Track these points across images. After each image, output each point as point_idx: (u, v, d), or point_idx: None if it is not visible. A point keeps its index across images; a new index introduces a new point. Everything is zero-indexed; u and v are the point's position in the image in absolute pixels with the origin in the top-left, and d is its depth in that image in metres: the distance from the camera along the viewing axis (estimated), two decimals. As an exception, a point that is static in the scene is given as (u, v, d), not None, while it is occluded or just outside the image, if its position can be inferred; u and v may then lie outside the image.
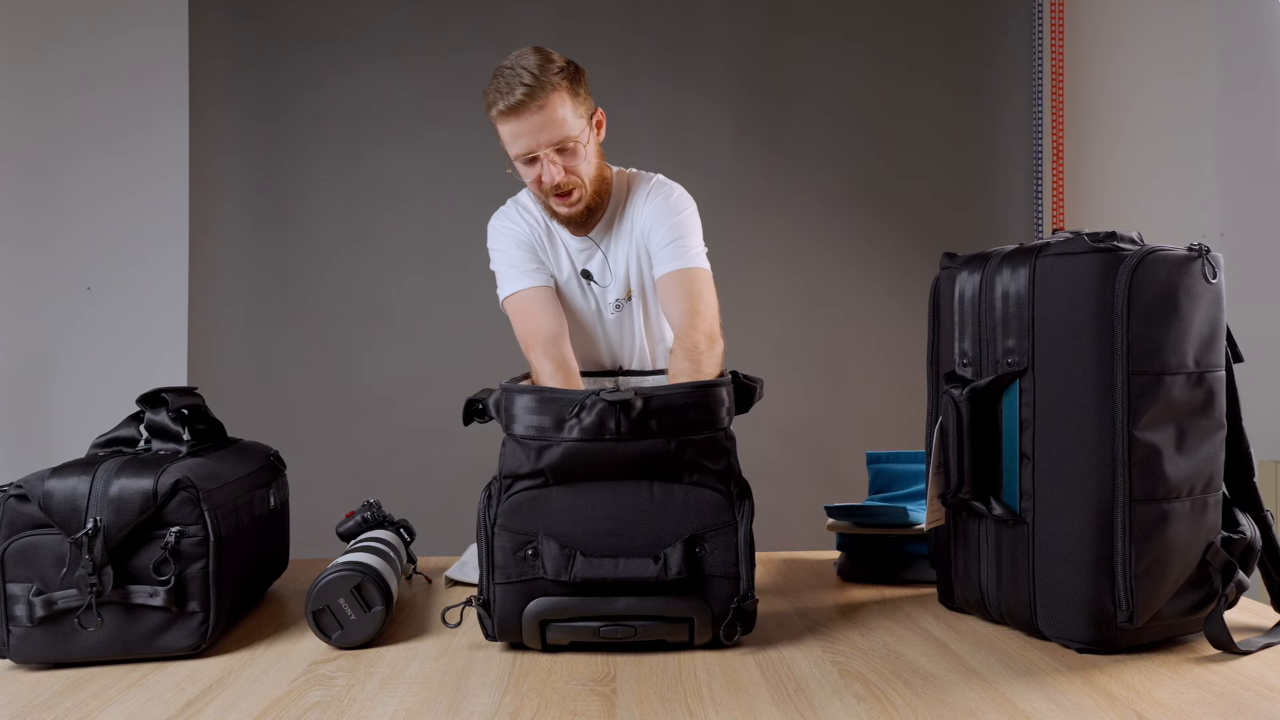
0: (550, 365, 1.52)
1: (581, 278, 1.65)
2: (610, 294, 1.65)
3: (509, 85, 1.45)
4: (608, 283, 1.65)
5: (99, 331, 2.96)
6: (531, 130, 1.46)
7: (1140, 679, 0.91)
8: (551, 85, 1.45)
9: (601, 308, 1.67)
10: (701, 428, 1.01)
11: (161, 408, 1.09)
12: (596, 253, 1.64)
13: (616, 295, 1.65)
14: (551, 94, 1.45)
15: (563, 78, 1.47)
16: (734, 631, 1.00)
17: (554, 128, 1.46)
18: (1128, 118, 3.07)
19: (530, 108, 1.44)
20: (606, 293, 1.66)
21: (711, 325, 1.51)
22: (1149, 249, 0.95)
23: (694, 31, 3.08)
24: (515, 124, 1.46)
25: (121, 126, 2.97)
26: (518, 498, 1.00)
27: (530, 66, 1.45)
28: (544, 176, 1.49)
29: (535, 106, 1.44)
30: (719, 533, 1.00)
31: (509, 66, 1.47)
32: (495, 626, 1.00)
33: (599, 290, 1.66)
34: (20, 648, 0.96)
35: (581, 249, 1.64)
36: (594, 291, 1.66)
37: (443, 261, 3.02)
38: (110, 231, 2.97)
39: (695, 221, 1.65)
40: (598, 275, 1.64)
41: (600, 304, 1.67)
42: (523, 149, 1.48)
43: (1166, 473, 0.95)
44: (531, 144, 1.47)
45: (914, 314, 1.62)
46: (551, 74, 1.45)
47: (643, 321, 1.69)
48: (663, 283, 1.58)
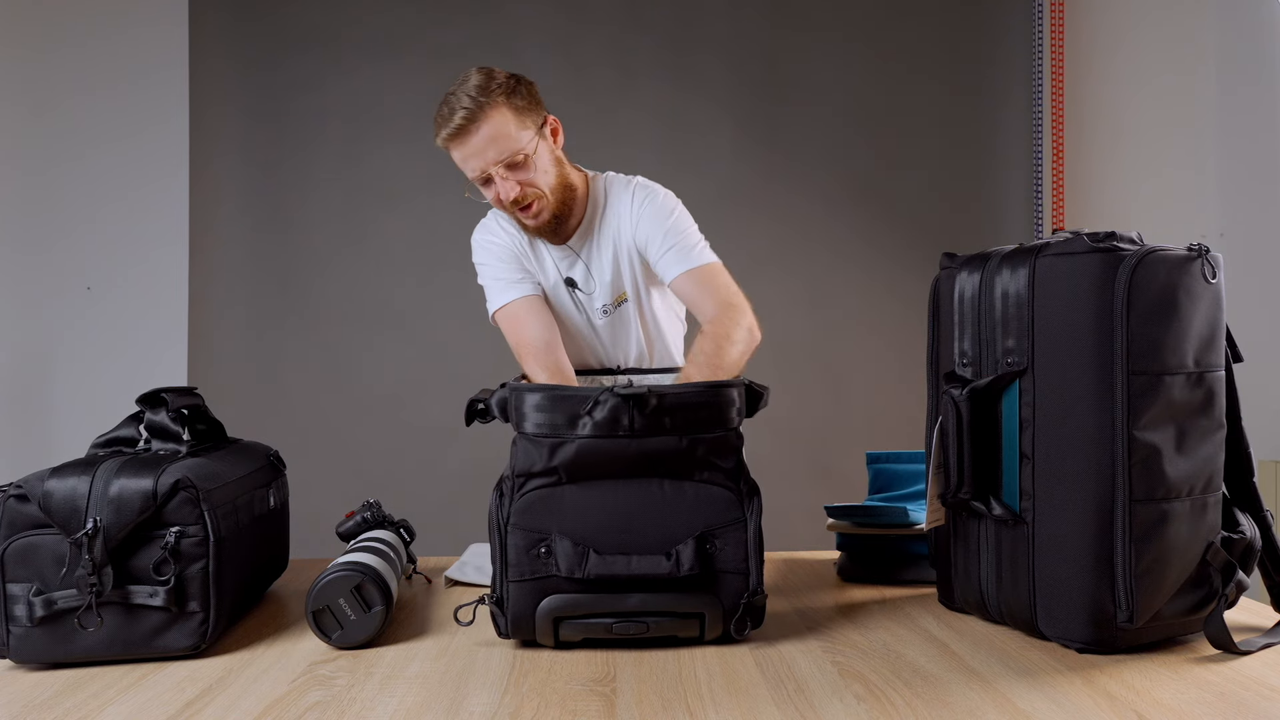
0: (545, 375, 1.54)
1: (566, 285, 1.65)
2: (596, 300, 1.65)
3: (450, 111, 1.47)
4: (592, 290, 1.65)
5: (99, 331, 2.96)
6: (477, 151, 1.47)
7: (1140, 679, 0.91)
8: (490, 104, 1.45)
9: (590, 314, 1.67)
10: (713, 426, 1.02)
11: (161, 408, 1.09)
12: (578, 261, 1.64)
13: (603, 301, 1.65)
14: (490, 112, 1.46)
15: (501, 94, 1.47)
16: (744, 626, 1.01)
17: (499, 144, 1.47)
18: (1128, 118, 3.07)
19: (470, 130, 1.45)
20: (592, 299, 1.65)
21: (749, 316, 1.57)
22: (1149, 249, 0.95)
23: (694, 32, 3.08)
24: (461, 148, 1.48)
25: (122, 126, 2.98)
26: (531, 496, 1.01)
27: (469, 90, 1.46)
28: (500, 194, 1.50)
29: (475, 128, 1.45)
30: (729, 529, 1.01)
31: (451, 92, 1.49)
32: (509, 624, 1.00)
33: (584, 297, 1.66)
34: (20, 648, 0.96)
35: (563, 257, 1.65)
36: (579, 299, 1.66)
37: (443, 261, 3.02)
38: (110, 231, 2.97)
39: (688, 218, 1.66)
40: (581, 283, 1.64)
41: (588, 310, 1.67)
42: (474, 171, 1.50)
43: (1166, 473, 0.95)
44: (480, 164, 1.48)
45: (914, 314, 1.62)
46: (492, 93, 1.46)
47: (639, 323, 1.69)
48: (679, 286, 1.59)
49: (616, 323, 1.69)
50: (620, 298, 1.66)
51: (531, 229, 1.58)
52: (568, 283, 1.65)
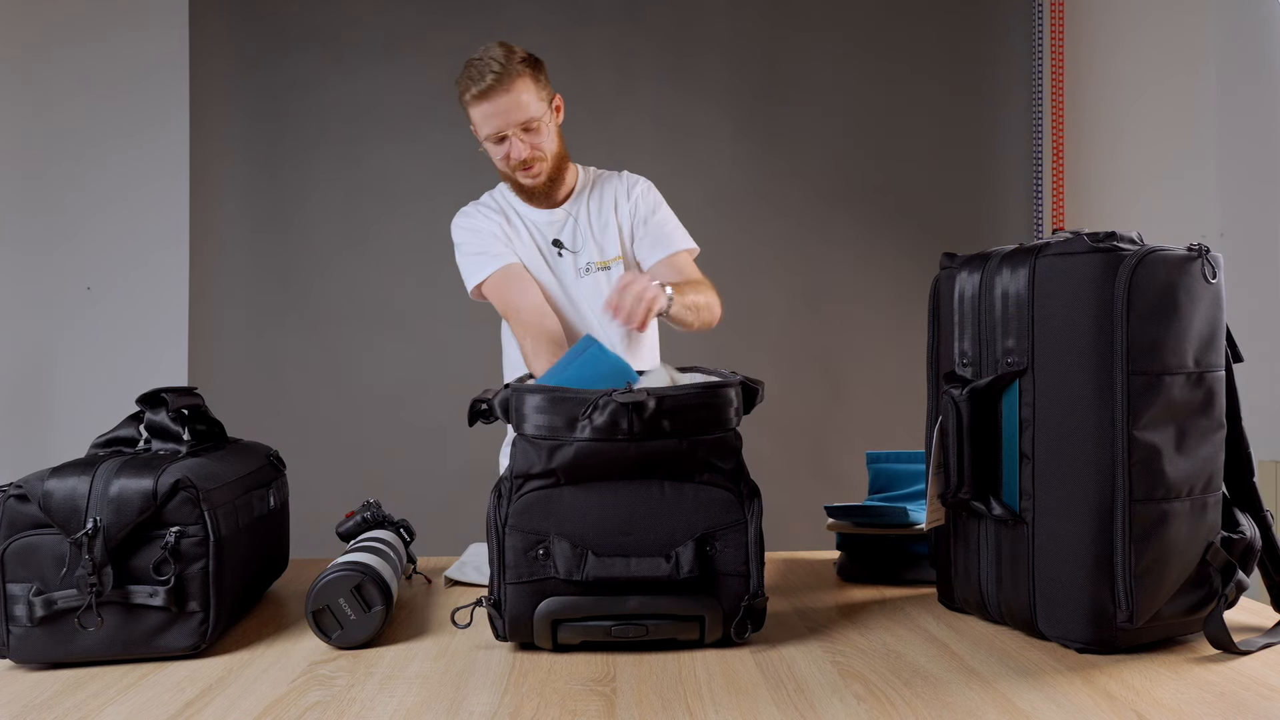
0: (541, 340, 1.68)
1: (552, 246, 1.81)
2: (582, 259, 1.81)
3: (479, 73, 1.65)
4: (579, 248, 1.81)
5: (99, 331, 2.96)
6: (500, 112, 1.66)
7: (1140, 679, 0.91)
8: (516, 72, 1.65)
9: (573, 274, 1.81)
10: (712, 427, 1.01)
11: (161, 408, 1.09)
12: (569, 220, 1.82)
13: (588, 259, 1.80)
14: (517, 79, 1.65)
15: (525, 66, 1.67)
16: (745, 629, 1.01)
17: (520, 109, 1.66)
18: (1128, 118, 3.07)
19: (499, 91, 1.64)
20: (578, 258, 1.81)
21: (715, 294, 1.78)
22: (1149, 249, 0.95)
23: (693, 33, 3.09)
24: (486, 106, 1.66)
25: (122, 127, 2.98)
26: (529, 497, 1.00)
27: (497, 56, 1.66)
28: (512, 152, 1.70)
29: (503, 90, 1.64)
30: (729, 531, 1.00)
31: (478, 58, 1.67)
32: (506, 626, 1.00)
33: (570, 256, 1.81)
34: (20, 648, 0.96)
35: (550, 220, 1.82)
36: (565, 259, 1.81)
37: (443, 261, 3.00)
38: (110, 232, 2.97)
39: None
40: (569, 242, 1.81)
41: (573, 270, 1.81)
42: (493, 129, 1.68)
43: (1166, 473, 0.95)
44: (501, 124, 1.67)
45: (914, 314, 1.62)
46: (515, 63, 1.66)
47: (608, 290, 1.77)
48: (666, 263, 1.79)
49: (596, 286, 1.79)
50: (614, 259, 1.81)
51: (527, 188, 1.77)
52: (555, 244, 1.81)
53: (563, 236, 1.81)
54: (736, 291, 3.05)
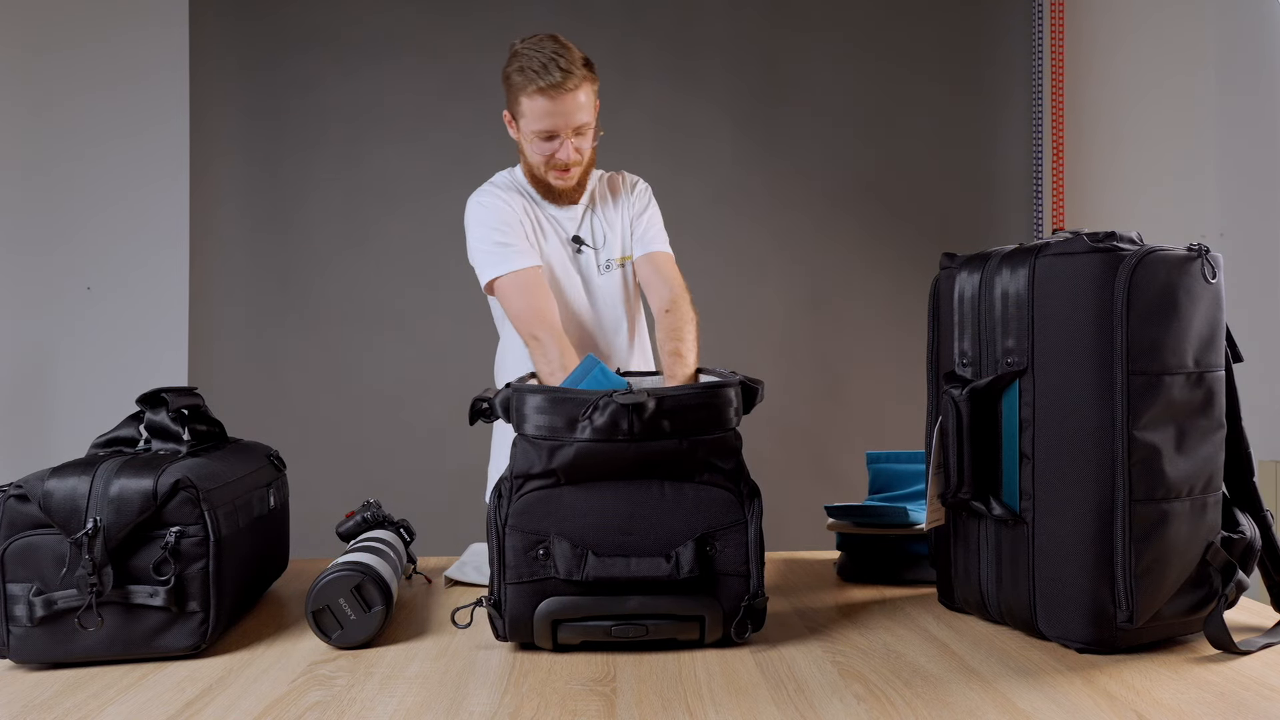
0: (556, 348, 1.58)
1: (572, 243, 1.79)
2: (602, 255, 1.80)
3: (545, 67, 1.60)
4: (599, 244, 1.80)
5: (99, 331, 2.96)
6: (561, 112, 1.62)
7: (1140, 679, 0.91)
8: (584, 76, 1.63)
9: (592, 271, 1.80)
10: (712, 428, 1.01)
11: (161, 408, 1.09)
12: (587, 218, 1.80)
13: (607, 256, 1.80)
14: (584, 84, 1.63)
15: (588, 70, 1.65)
16: (745, 629, 1.00)
17: (579, 112, 1.63)
18: (1128, 118, 3.07)
19: (564, 91, 1.60)
20: (598, 255, 1.80)
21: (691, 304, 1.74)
22: (1148, 249, 0.95)
23: (694, 33, 3.08)
24: (547, 103, 1.61)
25: (122, 127, 2.98)
26: (529, 497, 1.00)
27: (562, 53, 1.62)
28: (559, 154, 1.66)
29: (569, 91, 1.61)
30: (730, 531, 1.00)
31: (537, 49, 1.63)
32: (506, 626, 1.00)
33: (589, 253, 1.80)
34: (20, 648, 0.96)
35: (569, 217, 1.79)
36: (586, 255, 1.80)
37: (443, 261, 3.01)
38: (110, 232, 2.97)
39: None
40: (588, 238, 1.80)
41: (595, 266, 1.80)
42: (548, 127, 1.63)
43: (1166, 473, 0.95)
44: (558, 124, 1.63)
45: (914, 314, 1.62)
46: (580, 65, 1.63)
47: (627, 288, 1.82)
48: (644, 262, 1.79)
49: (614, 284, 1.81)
50: (624, 258, 1.81)
51: (558, 189, 1.73)
52: (575, 240, 1.79)
53: (582, 233, 1.80)
54: (736, 291, 3.06)
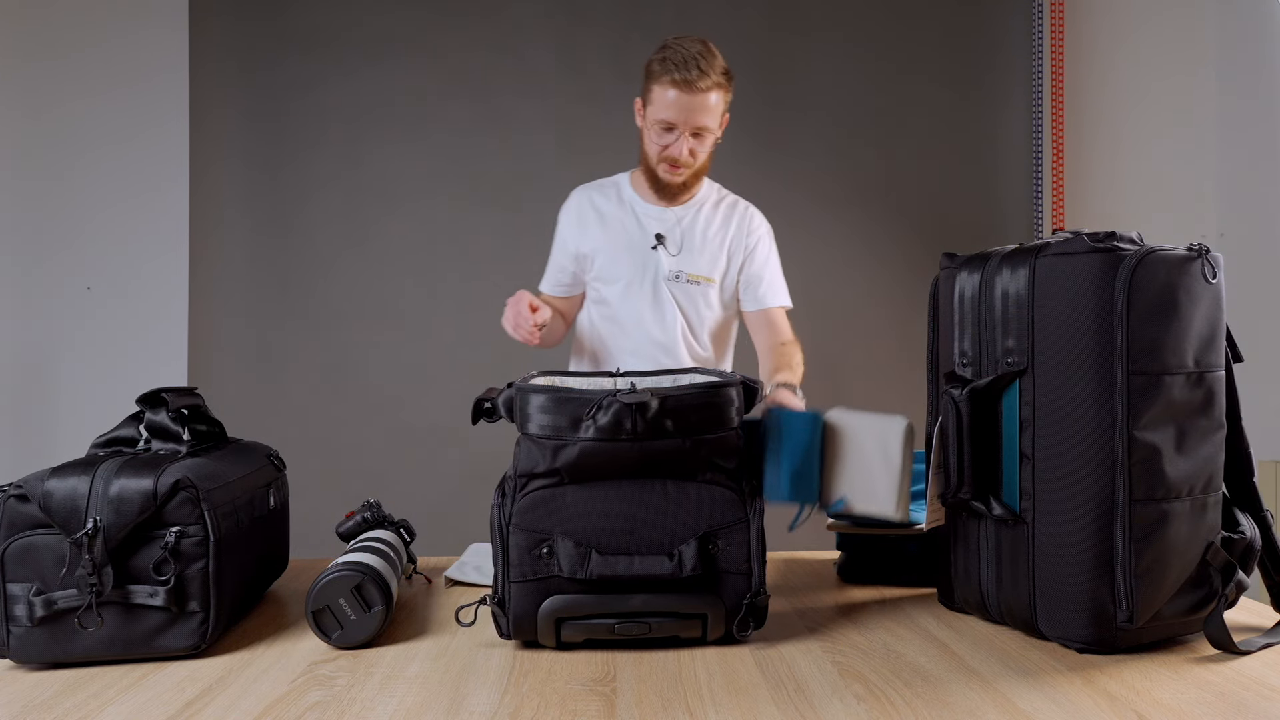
0: None
1: (655, 239, 1.86)
2: (676, 263, 1.86)
3: (685, 61, 1.69)
4: (676, 252, 1.86)
5: (99, 331, 2.96)
6: (686, 109, 1.70)
7: (1140, 679, 0.91)
8: (716, 80, 1.70)
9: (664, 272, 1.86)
10: (714, 427, 1.02)
11: (161, 408, 1.09)
12: (675, 223, 1.87)
13: (682, 268, 1.86)
14: (717, 89, 1.70)
15: (725, 78, 1.72)
16: (746, 627, 1.01)
17: (703, 114, 1.70)
18: (1128, 118, 3.07)
19: (698, 88, 1.68)
20: (675, 261, 1.86)
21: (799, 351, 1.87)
22: (1149, 249, 0.95)
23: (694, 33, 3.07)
24: (676, 95, 1.69)
25: (122, 128, 2.98)
26: (533, 496, 1.00)
27: (705, 55, 1.70)
28: (672, 148, 1.74)
29: (700, 90, 1.68)
30: (732, 530, 1.01)
31: (684, 45, 1.72)
32: (510, 625, 1.00)
33: (665, 257, 1.86)
34: (20, 648, 0.96)
35: (658, 216, 1.87)
36: (659, 255, 1.86)
37: (443, 261, 3.02)
38: (111, 232, 2.97)
39: None
40: (669, 243, 1.86)
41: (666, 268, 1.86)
42: (670, 117, 1.71)
43: (1166, 473, 0.95)
44: (680, 118, 1.70)
45: (914, 314, 1.63)
46: (719, 71, 1.71)
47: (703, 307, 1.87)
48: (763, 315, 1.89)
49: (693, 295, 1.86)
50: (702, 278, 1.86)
51: (663, 182, 1.81)
52: (657, 237, 1.85)
53: (664, 233, 1.85)
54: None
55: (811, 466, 1.09)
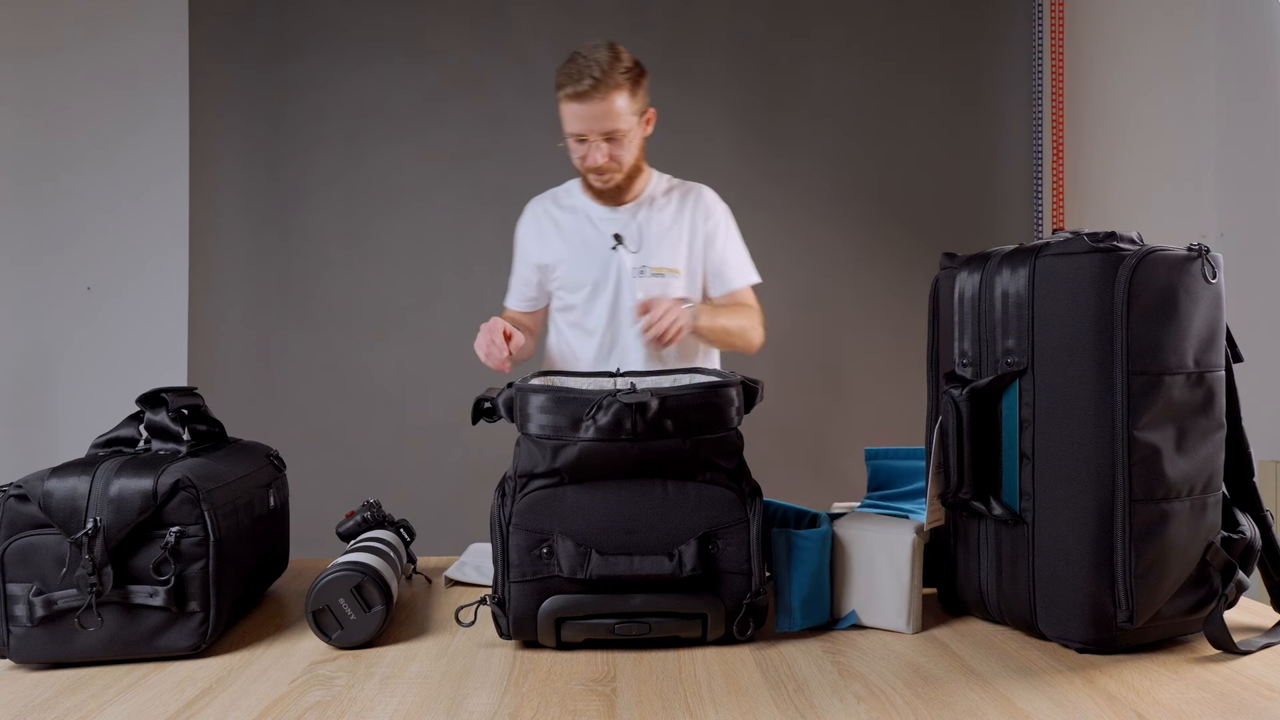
0: None
1: (613, 239, 1.88)
2: (639, 259, 1.88)
3: (579, 73, 1.69)
4: (636, 249, 1.87)
5: (99, 331, 2.96)
6: (589, 117, 1.71)
7: (1140, 679, 0.91)
8: (615, 83, 1.69)
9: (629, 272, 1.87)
10: (715, 427, 1.02)
11: (161, 408, 1.09)
12: (631, 221, 1.88)
13: (646, 262, 1.88)
14: (613, 90, 1.70)
15: (626, 77, 1.71)
16: (747, 627, 1.01)
17: (608, 119, 1.71)
18: (1128, 118, 3.07)
19: (592, 98, 1.69)
20: (636, 258, 1.88)
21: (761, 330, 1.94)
22: (1149, 249, 0.95)
23: (693, 33, 3.09)
24: (577, 108, 1.71)
25: (122, 127, 2.98)
26: (532, 496, 1.00)
27: (601, 61, 1.70)
28: (589, 157, 1.75)
29: (597, 98, 1.69)
30: (732, 530, 1.01)
31: (583, 55, 1.72)
32: (510, 625, 1.00)
33: (627, 255, 1.87)
34: (20, 648, 0.96)
35: (612, 217, 1.89)
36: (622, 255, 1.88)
37: (443, 261, 3.02)
38: (111, 232, 2.97)
39: None
40: (629, 241, 1.87)
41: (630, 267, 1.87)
42: (577, 130, 1.74)
43: (1166, 473, 0.95)
44: (586, 128, 1.73)
45: (914, 314, 1.63)
46: (618, 72, 1.70)
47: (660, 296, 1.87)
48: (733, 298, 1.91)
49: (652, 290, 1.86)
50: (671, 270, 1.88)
51: (595, 190, 1.84)
52: (615, 237, 1.87)
53: (624, 233, 1.87)
54: (736, 291, 3.06)
55: (822, 589, 1.07)
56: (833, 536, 1.09)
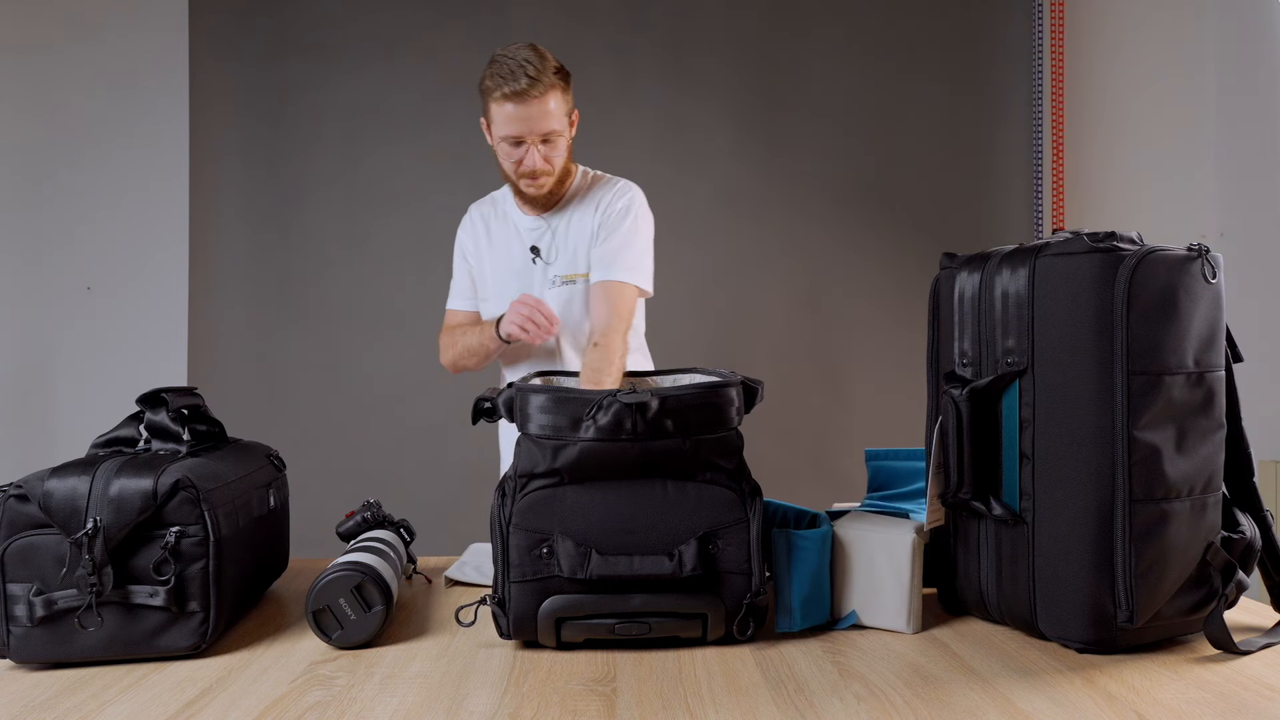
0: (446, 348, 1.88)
1: (529, 253, 1.83)
2: (552, 270, 1.82)
3: (513, 73, 1.64)
4: (552, 259, 1.82)
5: (99, 331, 2.96)
6: (526, 119, 1.66)
7: (1140, 679, 0.91)
8: (550, 83, 1.65)
9: (542, 284, 1.82)
10: (715, 427, 1.02)
11: (161, 408, 1.09)
12: (547, 231, 1.83)
13: (558, 272, 1.81)
14: (550, 90, 1.66)
15: (558, 78, 1.68)
16: (747, 627, 1.01)
17: (545, 120, 1.66)
18: (1128, 118, 3.07)
19: (531, 98, 1.64)
20: (549, 269, 1.82)
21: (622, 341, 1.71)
22: (1149, 249, 0.95)
23: (693, 33, 3.09)
24: (513, 109, 1.65)
25: (122, 127, 2.98)
26: (532, 496, 1.00)
27: (533, 61, 1.65)
28: (525, 160, 1.70)
29: (535, 98, 1.64)
30: (732, 530, 1.01)
31: (510, 56, 1.66)
32: (510, 625, 1.00)
33: (542, 267, 1.82)
34: (20, 648, 0.96)
35: (533, 228, 1.83)
36: (537, 268, 1.83)
37: (443, 261, 3.00)
38: (110, 231, 2.97)
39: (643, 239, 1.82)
40: (544, 252, 1.82)
41: (543, 279, 1.82)
42: (514, 132, 1.68)
43: (1166, 473, 0.95)
44: (523, 130, 1.67)
45: (914, 314, 1.63)
46: (550, 72, 1.66)
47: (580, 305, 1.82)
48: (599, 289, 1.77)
49: (573, 298, 1.81)
50: (578, 275, 1.81)
51: (528, 196, 1.77)
52: (532, 249, 1.83)
53: (540, 244, 1.82)
54: (736, 291, 3.06)
55: (822, 589, 1.07)
56: (833, 536, 1.09)
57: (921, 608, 1.08)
